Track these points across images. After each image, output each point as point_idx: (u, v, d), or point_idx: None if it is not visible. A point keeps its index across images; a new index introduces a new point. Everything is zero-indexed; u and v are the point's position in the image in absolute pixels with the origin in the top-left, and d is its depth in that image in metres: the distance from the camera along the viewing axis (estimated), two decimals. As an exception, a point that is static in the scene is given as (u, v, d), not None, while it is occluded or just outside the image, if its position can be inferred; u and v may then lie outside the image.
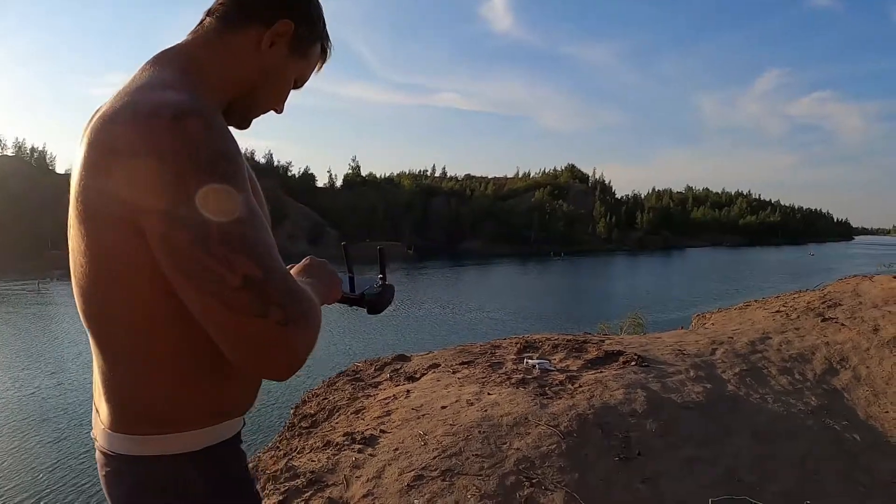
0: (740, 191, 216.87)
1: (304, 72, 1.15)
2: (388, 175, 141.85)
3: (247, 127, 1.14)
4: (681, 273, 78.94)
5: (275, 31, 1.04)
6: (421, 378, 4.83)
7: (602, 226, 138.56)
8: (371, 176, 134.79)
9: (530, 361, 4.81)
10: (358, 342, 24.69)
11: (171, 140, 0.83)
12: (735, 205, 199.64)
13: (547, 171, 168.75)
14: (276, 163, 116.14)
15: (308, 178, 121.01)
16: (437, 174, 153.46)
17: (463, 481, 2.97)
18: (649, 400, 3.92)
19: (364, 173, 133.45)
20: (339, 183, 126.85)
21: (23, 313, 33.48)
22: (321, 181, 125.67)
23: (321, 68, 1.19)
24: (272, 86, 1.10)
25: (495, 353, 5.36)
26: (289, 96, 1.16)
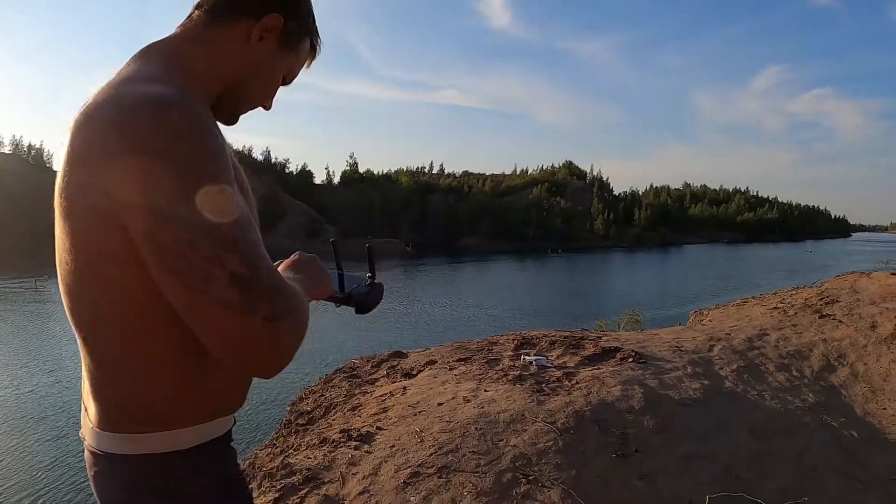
0: (738, 187, 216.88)
1: (293, 67, 1.13)
2: (385, 172, 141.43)
3: (234, 123, 1.12)
4: (678, 270, 78.97)
5: (264, 24, 1.03)
6: (418, 375, 4.82)
7: (600, 222, 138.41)
8: (369, 173, 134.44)
9: (527, 358, 4.80)
10: (354, 339, 24.66)
11: (153, 133, 0.81)
12: (733, 202, 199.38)
13: (545, 167, 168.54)
14: (273, 160, 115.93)
15: (306, 174, 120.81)
16: (434, 171, 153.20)
17: (459, 478, 2.96)
18: (646, 396, 3.91)
19: (362, 170, 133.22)
20: (336, 180, 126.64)
21: (20, 311, 33.38)
22: (319, 178, 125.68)
23: (310, 65, 1.18)
24: (260, 81, 1.09)
25: (492, 349, 5.35)
26: (278, 93, 1.15)
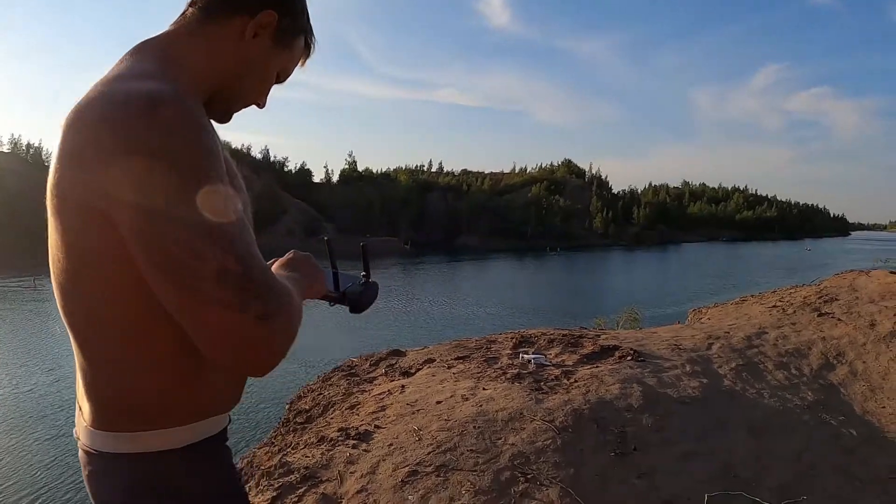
0: (737, 186, 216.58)
1: (288, 65, 1.13)
2: (384, 170, 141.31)
3: (228, 120, 1.11)
4: (677, 268, 79.01)
5: (258, 21, 1.02)
6: (416, 373, 4.82)
7: (598, 221, 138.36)
8: (368, 171, 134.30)
9: (526, 356, 4.79)
10: (353, 337, 24.64)
11: (144, 129, 0.81)
12: (732, 200, 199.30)
13: (544, 166, 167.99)
14: (272, 158, 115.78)
15: (304, 173, 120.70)
16: (433, 169, 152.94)
17: (457, 477, 2.95)
18: (645, 395, 3.90)
19: (361, 168, 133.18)
20: (335, 178, 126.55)
21: (19, 310, 33.36)
22: (318, 177, 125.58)
23: (305, 63, 1.17)
24: (254, 78, 1.08)
25: (491, 347, 5.34)
26: (276, 91, 1.14)
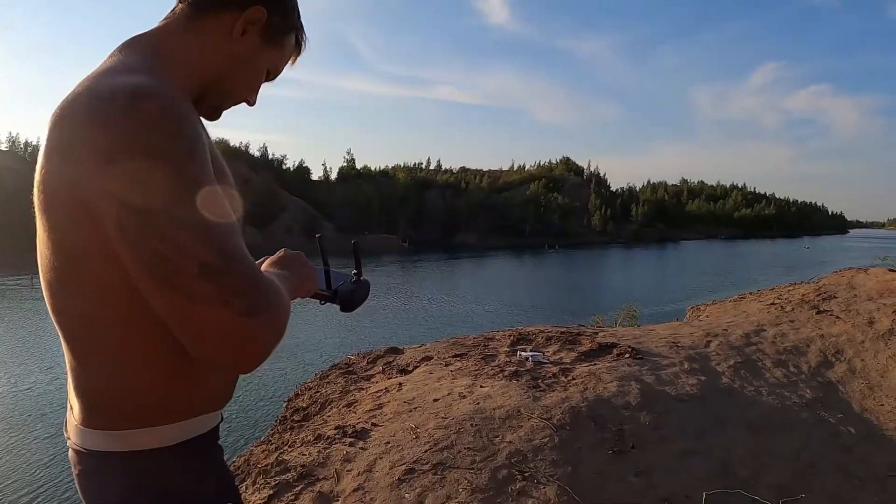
0: (735, 184, 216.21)
1: (278, 63, 1.12)
2: (383, 168, 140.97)
3: (217, 118, 1.10)
4: (675, 265, 79.01)
5: (247, 18, 1.02)
6: (413, 371, 4.80)
7: (597, 218, 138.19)
8: (366, 169, 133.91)
9: (523, 354, 4.78)
10: (351, 334, 24.66)
11: (126, 121, 0.80)
12: (730, 197, 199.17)
13: (542, 163, 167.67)
14: (270, 156, 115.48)
15: (303, 171, 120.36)
16: (432, 167, 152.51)
17: (454, 475, 2.93)
18: (643, 392, 3.89)
19: (359, 166, 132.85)
20: (334, 176, 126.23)
21: (17, 308, 33.27)
22: (316, 174, 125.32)
23: (295, 61, 1.17)
24: (243, 75, 1.07)
25: (488, 345, 5.33)
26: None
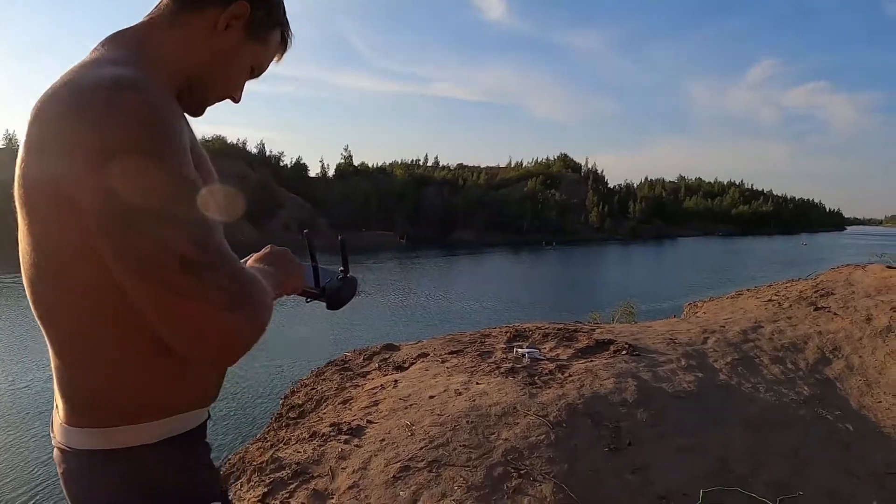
0: (733, 180, 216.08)
1: (262, 59, 1.10)
2: (380, 165, 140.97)
3: (201, 113, 1.09)
4: (673, 262, 79.08)
5: (230, 13, 1.00)
6: (409, 367, 4.78)
7: (594, 215, 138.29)
8: (363, 165, 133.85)
9: (520, 350, 4.76)
10: (347, 331, 24.64)
11: (107, 112, 0.79)
12: (728, 194, 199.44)
13: (539, 160, 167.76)
14: (268, 153, 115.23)
15: (300, 168, 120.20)
16: (429, 163, 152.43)
17: (450, 472, 2.91)
18: (640, 389, 3.87)
19: (356, 163, 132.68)
20: (331, 173, 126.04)
21: (15, 306, 33.11)
22: (313, 171, 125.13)
23: (281, 58, 1.15)
24: (227, 71, 1.06)
25: (485, 341, 5.31)
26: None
